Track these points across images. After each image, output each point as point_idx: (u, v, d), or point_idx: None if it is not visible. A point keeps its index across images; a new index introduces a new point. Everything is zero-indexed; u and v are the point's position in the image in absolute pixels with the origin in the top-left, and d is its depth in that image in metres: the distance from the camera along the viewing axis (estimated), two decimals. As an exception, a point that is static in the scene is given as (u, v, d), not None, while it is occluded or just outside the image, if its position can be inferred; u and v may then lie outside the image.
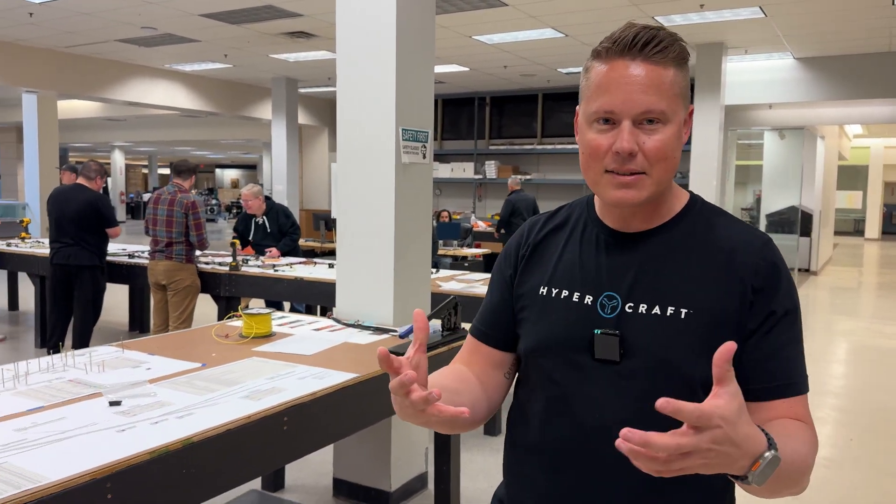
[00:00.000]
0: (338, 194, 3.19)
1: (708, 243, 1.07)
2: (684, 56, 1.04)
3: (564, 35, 8.13)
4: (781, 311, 1.03)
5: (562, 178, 12.13)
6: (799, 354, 1.05)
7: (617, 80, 1.00)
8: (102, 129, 21.24)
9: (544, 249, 1.18)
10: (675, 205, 1.11)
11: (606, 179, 1.03)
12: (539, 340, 1.12)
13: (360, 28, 3.07)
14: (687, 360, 1.01)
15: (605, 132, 1.01)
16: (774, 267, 1.05)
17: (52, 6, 7.30)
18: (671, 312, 1.03)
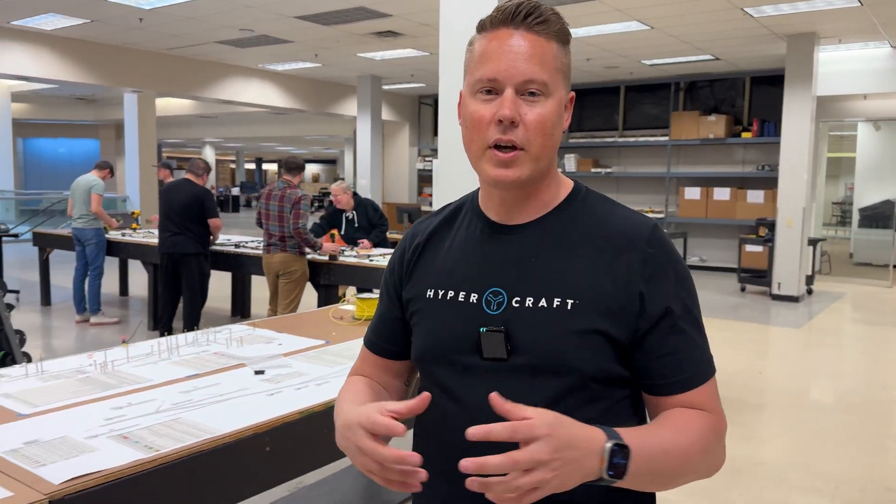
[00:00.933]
0: (438, 188, 3.38)
1: (593, 232, 1.04)
2: (566, 34, 1.03)
3: (650, 27, 8.11)
4: (675, 306, 1.00)
5: (643, 171, 12.04)
6: (696, 345, 1.02)
7: (500, 48, 0.98)
8: (195, 125, 22.29)
9: (430, 250, 1.14)
10: (558, 193, 1.08)
11: (488, 156, 1.00)
12: (426, 347, 1.09)
13: (464, 25, 3.25)
14: (575, 352, 0.98)
15: (488, 102, 0.99)
16: (662, 255, 1.01)
17: (160, 12, 7.82)
18: (557, 304, 0.99)
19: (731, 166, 11.36)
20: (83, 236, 6.72)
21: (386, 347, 1.19)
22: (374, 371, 1.20)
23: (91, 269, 6.79)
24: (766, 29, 8.12)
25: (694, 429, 0.98)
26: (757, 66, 10.64)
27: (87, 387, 2.02)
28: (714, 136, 11.00)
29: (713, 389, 1.03)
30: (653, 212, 11.83)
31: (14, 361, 4.21)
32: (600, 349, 0.98)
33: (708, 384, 1.02)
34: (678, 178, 11.74)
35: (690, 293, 1.03)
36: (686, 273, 1.04)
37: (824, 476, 3.60)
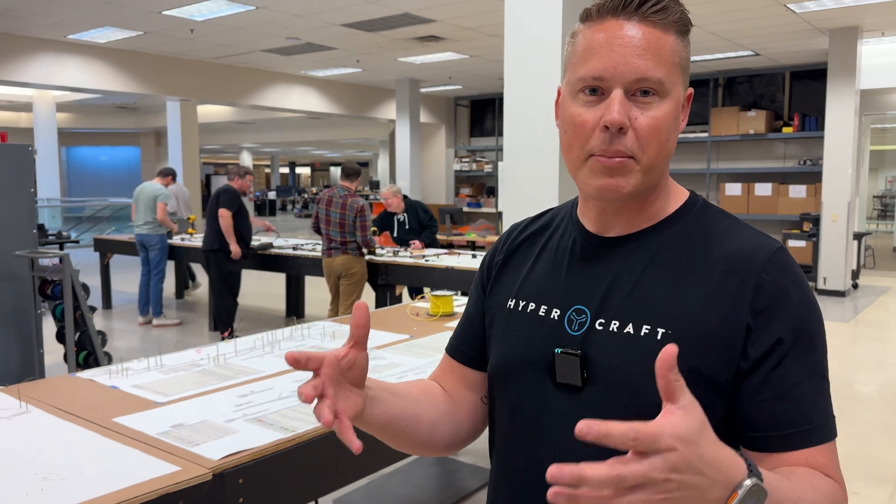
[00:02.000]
0: (504, 190, 3.53)
1: (702, 252, 0.90)
2: (686, 24, 0.89)
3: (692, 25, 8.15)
4: (791, 337, 0.83)
5: (682, 167, 12.05)
6: (818, 391, 0.84)
7: (609, 42, 0.85)
8: (232, 131, 22.74)
9: (520, 256, 1.05)
10: (668, 205, 0.94)
11: (590, 164, 0.87)
12: (499, 361, 1.00)
13: (527, 32, 3.39)
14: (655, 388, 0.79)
15: (592, 105, 0.86)
16: (783, 284, 0.85)
17: (211, 23, 8.08)
18: (646, 332, 0.87)
19: (773, 161, 11.32)
20: (148, 242, 6.99)
21: (467, 353, 1.08)
22: (450, 379, 1.09)
23: (154, 273, 7.06)
24: (808, 24, 8.12)
25: (824, 491, 0.80)
26: (798, 61, 10.60)
27: (207, 378, 2.21)
28: (754, 131, 10.98)
29: (835, 455, 0.85)
30: (693, 208, 11.84)
31: (96, 360, 4.45)
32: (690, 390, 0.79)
33: (829, 445, 0.83)
34: (718, 175, 11.73)
35: (812, 329, 0.85)
36: (811, 305, 0.86)
37: (885, 465, 3.67)
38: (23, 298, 4.47)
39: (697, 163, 11.87)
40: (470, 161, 14.90)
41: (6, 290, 4.38)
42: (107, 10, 7.50)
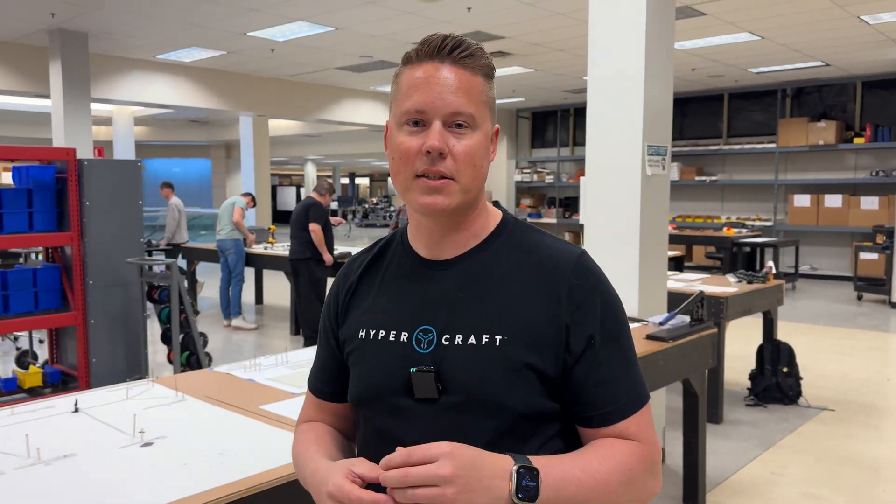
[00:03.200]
0: (586, 203, 3.71)
1: (521, 264, 1.03)
2: (491, 69, 1.04)
3: (761, 38, 8.17)
4: (601, 334, 1.00)
5: (750, 178, 11.94)
6: (626, 374, 1.01)
7: (427, 81, 0.98)
8: (298, 144, 23.39)
9: (363, 289, 1.13)
10: (487, 226, 1.08)
11: (416, 185, 0.99)
12: (359, 390, 1.08)
13: (611, 54, 3.57)
14: (504, 389, 0.97)
15: (416, 134, 0.99)
16: (588, 285, 1.01)
17: (291, 43, 8.48)
18: (486, 340, 0.98)
19: (843, 172, 11.14)
20: (224, 247, 7.43)
21: (329, 392, 1.17)
22: (323, 416, 1.19)
23: (233, 276, 7.47)
24: (883, 35, 8.03)
25: (617, 458, 0.97)
26: (870, 71, 10.43)
27: (329, 374, 2.45)
28: (824, 142, 10.84)
29: (645, 419, 1.01)
30: (760, 220, 11.73)
31: (198, 360, 4.80)
32: (530, 385, 0.97)
33: (639, 414, 1.00)
34: (786, 186, 11.59)
35: (617, 321, 1.03)
36: (613, 300, 1.04)
37: (967, 477, 3.69)
38: (130, 302, 4.84)
39: (765, 174, 11.76)
40: (531, 172, 15.05)
41: (116, 295, 4.76)
42: (196, 32, 7.97)
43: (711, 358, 3.26)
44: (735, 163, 12.22)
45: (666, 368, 2.99)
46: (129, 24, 7.59)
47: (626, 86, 3.52)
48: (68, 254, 4.63)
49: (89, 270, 4.57)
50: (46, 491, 1.52)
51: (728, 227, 10.71)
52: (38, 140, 17.22)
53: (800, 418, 4.60)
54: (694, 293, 3.29)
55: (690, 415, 3.31)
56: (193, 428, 1.90)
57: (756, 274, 4.96)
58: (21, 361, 5.56)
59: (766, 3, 6.76)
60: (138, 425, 1.89)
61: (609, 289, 1.04)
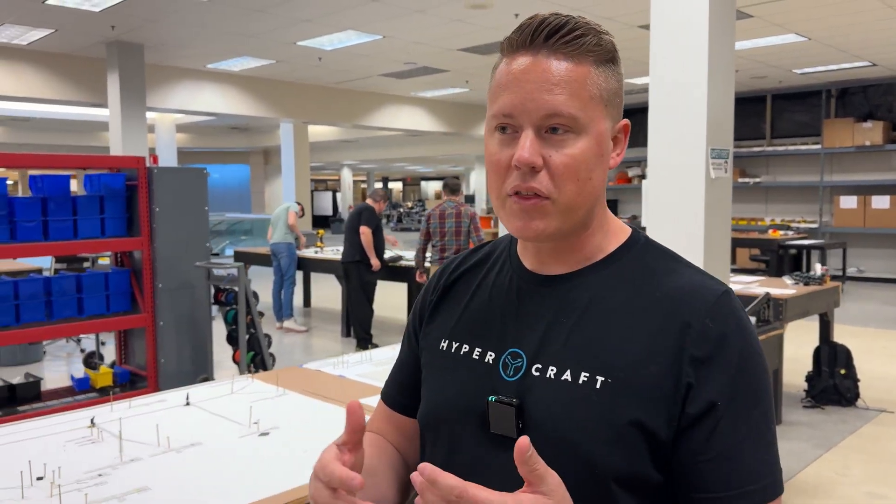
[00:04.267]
0: (648, 206, 3.77)
1: (643, 293, 0.84)
2: (607, 52, 0.83)
3: (807, 39, 8.13)
4: (732, 398, 0.78)
5: (794, 180, 11.83)
6: (757, 454, 0.79)
7: (517, 77, 0.81)
8: (336, 149, 23.70)
9: (455, 294, 0.98)
10: (607, 243, 0.90)
11: (508, 205, 0.83)
12: (429, 408, 0.94)
13: (673, 57, 3.64)
14: (598, 444, 0.78)
15: (506, 143, 0.82)
16: (726, 331, 0.80)
17: (338, 51, 8.66)
18: (584, 380, 0.81)
19: (891, 173, 10.99)
20: (277, 250, 7.64)
21: (402, 402, 1.03)
22: (389, 429, 1.03)
23: (286, 278, 7.66)
24: (934, 33, 7.94)
25: None
26: (918, 70, 10.29)
27: (415, 371, 2.56)
28: (870, 142, 10.71)
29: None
30: (805, 221, 11.62)
31: (263, 361, 4.95)
32: (633, 446, 0.78)
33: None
34: (832, 187, 11.46)
35: (756, 384, 0.80)
36: (755, 357, 0.81)
37: None
38: (197, 305, 5.02)
39: (809, 175, 11.64)
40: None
41: (184, 298, 4.93)
42: (248, 42, 8.19)
43: (777, 359, 3.30)
44: (779, 164, 12.11)
45: (735, 368, 3.04)
46: (185, 35, 7.83)
47: (690, 89, 3.58)
48: (136, 258, 4.82)
49: (158, 274, 4.75)
50: (181, 476, 1.64)
51: (773, 230, 10.63)
52: (80, 148, 17.70)
53: (859, 420, 4.59)
54: (753, 295, 3.34)
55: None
56: (302, 419, 2.02)
57: (812, 276, 4.96)
58: (88, 362, 5.78)
59: (815, 4, 6.74)
60: (250, 417, 2.01)
61: (754, 342, 0.82)
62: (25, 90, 8.47)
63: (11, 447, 1.83)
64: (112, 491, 1.56)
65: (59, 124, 15.87)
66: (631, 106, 12.27)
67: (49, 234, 4.36)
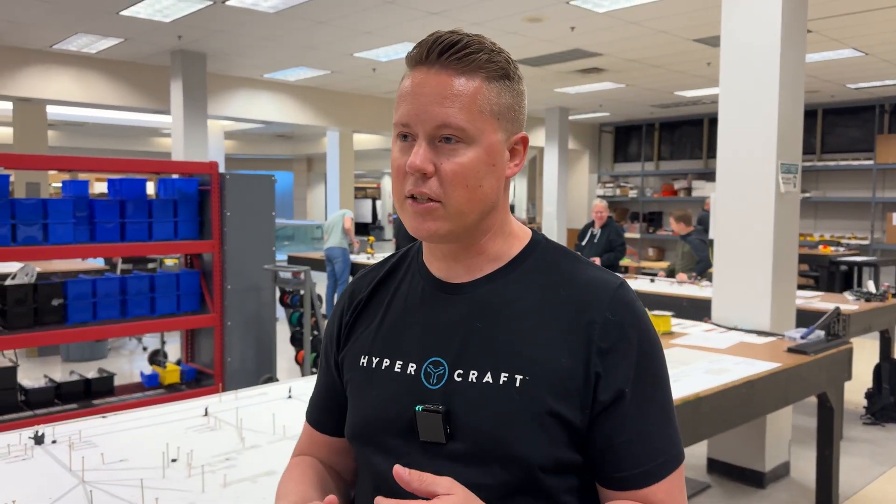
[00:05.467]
0: (717, 218, 3.81)
1: (550, 293, 0.90)
2: (500, 69, 0.88)
3: (864, 54, 8.06)
4: (636, 384, 0.86)
5: (844, 195, 11.67)
6: (661, 432, 0.88)
7: (413, 91, 0.87)
8: (377, 157, 23.96)
9: (370, 310, 1.00)
10: (510, 247, 0.94)
11: (407, 207, 0.89)
12: (357, 424, 0.96)
13: (745, 73, 3.68)
14: (522, 438, 0.84)
15: (406, 150, 0.88)
16: (625, 322, 0.87)
17: (393, 62, 8.83)
18: (504, 380, 0.86)
19: (947, 190, 10.79)
20: (332, 255, 7.83)
21: (327, 423, 1.05)
22: (320, 450, 1.07)
23: (339, 282, 7.84)
24: None
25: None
26: (977, 86, 10.11)
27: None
28: (926, 159, 10.53)
29: (676, 484, 0.89)
30: (856, 238, 11.45)
31: (324, 362, 5.09)
32: (554, 435, 0.85)
33: (669, 478, 0.88)
34: (884, 203, 11.28)
35: (656, 368, 0.89)
36: (653, 342, 0.90)
37: None
38: (262, 307, 5.18)
39: (861, 191, 11.48)
40: (613, 186, 15.04)
41: (250, 300, 5.10)
42: (307, 53, 8.40)
43: (847, 373, 3.32)
44: (829, 179, 11.96)
45: (806, 381, 3.07)
46: (247, 45, 8.07)
47: (761, 104, 3.62)
48: (205, 260, 5.00)
49: (228, 275, 4.92)
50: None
51: (824, 245, 10.50)
52: (131, 152, 18.20)
53: (922, 439, 4.56)
54: (818, 310, 3.36)
55: (825, 428, 3.37)
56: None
57: (874, 292, 4.94)
58: (153, 360, 5.99)
59: (875, 20, 6.70)
60: (353, 412, 2.13)
61: (650, 328, 0.91)
62: (92, 96, 8.80)
63: (139, 432, 1.96)
64: (243, 474, 1.68)
65: (111, 129, 16.36)
66: (680, 118, 12.19)
67: (126, 236, 4.56)
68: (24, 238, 4.16)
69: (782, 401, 2.94)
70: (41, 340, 4.56)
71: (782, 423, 3.83)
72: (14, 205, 4.10)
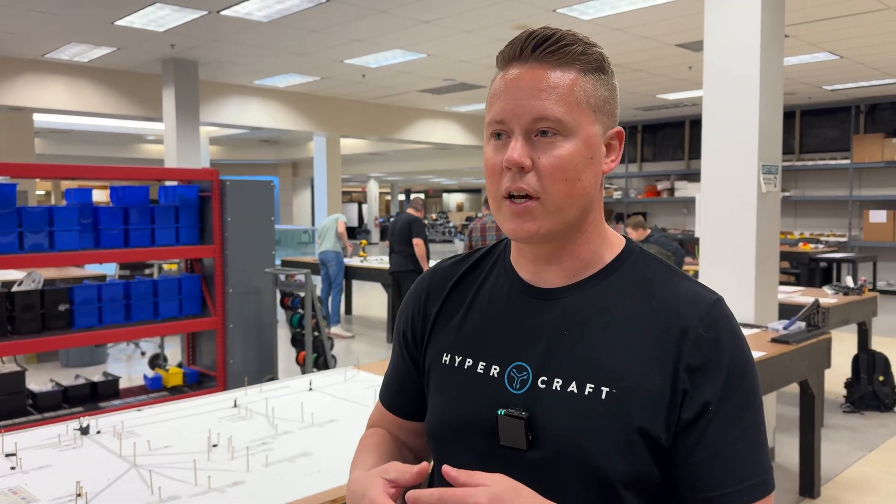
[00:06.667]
0: (701, 217, 4.01)
1: (642, 304, 0.88)
2: (594, 61, 0.87)
3: (840, 57, 8.34)
4: (725, 400, 0.83)
5: (822, 194, 11.99)
6: (751, 449, 0.83)
7: (507, 86, 0.86)
8: (364, 162, 24.09)
9: (450, 305, 0.99)
10: (603, 254, 0.93)
11: (503, 207, 0.87)
12: (436, 423, 0.95)
13: (727, 76, 3.88)
14: (604, 451, 0.82)
15: (500, 149, 0.87)
16: (719, 338, 0.84)
17: (382, 69, 9.00)
18: (590, 391, 0.84)
19: (921, 188, 11.13)
20: (326, 258, 7.96)
21: (401, 406, 1.06)
22: (393, 428, 1.07)
23: (334, 286, 7.98)
24: (965, 52, 8.12)
25: None
26: (947, 86, 10.45)
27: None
28: (900, 158, 10.86)
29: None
30: (834, 235, 11.76)
31: (325, 362, 5.23)
32: (635, 450, 0.82)
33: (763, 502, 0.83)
34: (861, 202, 11.61)
35: (748, 387, 0.85)
36: (746, 362, 0.86)
37: None
38: (263, 309, 5.32)
39: (838, 190, 11.79)
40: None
41: (251, 302, 5.23)
42: (298, 60, 8.54)
43: (827, 361, 3.53)
44: (807, 178, 12.27)
45: (789, 369, 3.27)
46: (239, 52, 8.19)
47: (742, 106, 3.82)
48: (206, 264, 5.12)
49: (229, 279, 5.05)
50: (332, 444, 1.92)
51: (804, 243, 10.80)
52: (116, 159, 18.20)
53: (898, 425, 4.79)
54: (799, 304, 3.56)
55: (807, 414, 3.57)
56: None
57: (851, 286, 5.17)
58: (154, 363, 6.09)
59: (850, 24, 6.96)
60: (370, 400, 2.29)
61: (744, 348, 0.87)
62: (83, 105, 8.88)
63: (176, 422, 2.11)
64: (281, 455, 1.84)
65: (96, 136, 16.36)
66: (662, 120, 12.44)
67: (129, 242, 4.67)
68: (30, 245, 4.26)
69: (767, 387, 3.13)
70: (49, 345, 4.65)
71: (766, 411, 4.03)
72: (21, 213, 4.20)
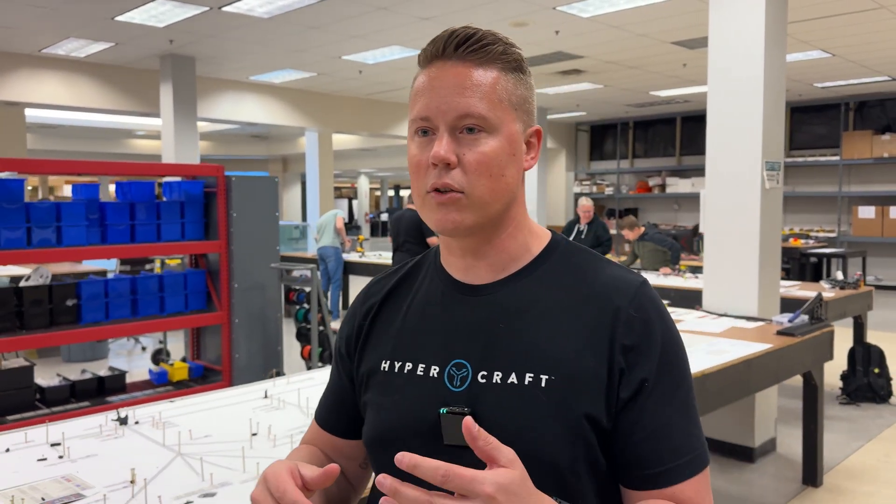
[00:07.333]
0: (705, 212, 4.09)
1: (573, 292, 0.89)
2: (514, 60, 0.89)
3: (832, 55, 8.46)
4: (659, 378, 0.85)
5: (812, 190, 12.15)
6: (686, 429, 0.86)
7: (431, 84, 0.87)
8: (355, 157, 24.08)
9: (387, 315, 1.00)
10: (531, 246, 0.94)
11: (428, 201, 0.88)
12: (377, 429, 0.94)
13: (731, 74, 3.95)
14: (548, 438, 0.83)
15: (425, 145, 0.87)
16: (648, 318, 0.87)
17: (380, 65, 9.03)
18: (529, 380, 0.85)
19: (908, 184, 11.31)
20: (325, 254, 8.01)
21: (337, 426, 1.04)
22: (326, 448, 1.06)
23: (332, 281, 8.02)
24: (954, 50, 8.27)
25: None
26: (935, 84, 10.62)
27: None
28: (889, 154, 11.03)
29: (704, 485, 0.87)
30: (824, 231, 11.93)
31: (330, 356, 5.28)
32: (584, 438, 0.84)
33: (697, 478, 0.86)
34: (850, 198, 11.77)
35: (677, 369, 0.88)
36: (675, 339, 0.89)
37: None
38: (268, 304, 5.36)
39: (828, 186, 11.96)
40: (590, 184, 15.40)
41: (257, 297, 5.27)
42: (295, 56, 8.56)
43: (829, 353, 3.62)
44: (798, 174, 12.43)
45: (794, 361, 3.36)
46: (237, 49, 8.20)
47: (746, 103, 3.91)
48: (211, 259, 5.15)
49: (234, 274, 5.08)
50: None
51: (795, 238, 10.95)
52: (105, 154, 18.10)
53: (894, 415, 4.90)
54: (800, 298, 3.65)
55: (811, 404, 3.67)
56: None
57: (848, 281, 5.28)
58: (157, 358, 6.12)
59: (842, 23, 7.07)
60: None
61: (672, 327, 0.90)
62: (80, 100, 8.85)
63: (212, 413, 2.16)
64: (320, 444, 1.89)
65: (86, 132, 16.27)
66: (653, 116, 12.56)
67: (136, 237, 4.69)
68: (38, 241, 4.28)
69: (773, 378, 3.22)
70: (56, 340, 4.67)
71: (769, 403, 4.13)
72: (29, 208, 4.22)
